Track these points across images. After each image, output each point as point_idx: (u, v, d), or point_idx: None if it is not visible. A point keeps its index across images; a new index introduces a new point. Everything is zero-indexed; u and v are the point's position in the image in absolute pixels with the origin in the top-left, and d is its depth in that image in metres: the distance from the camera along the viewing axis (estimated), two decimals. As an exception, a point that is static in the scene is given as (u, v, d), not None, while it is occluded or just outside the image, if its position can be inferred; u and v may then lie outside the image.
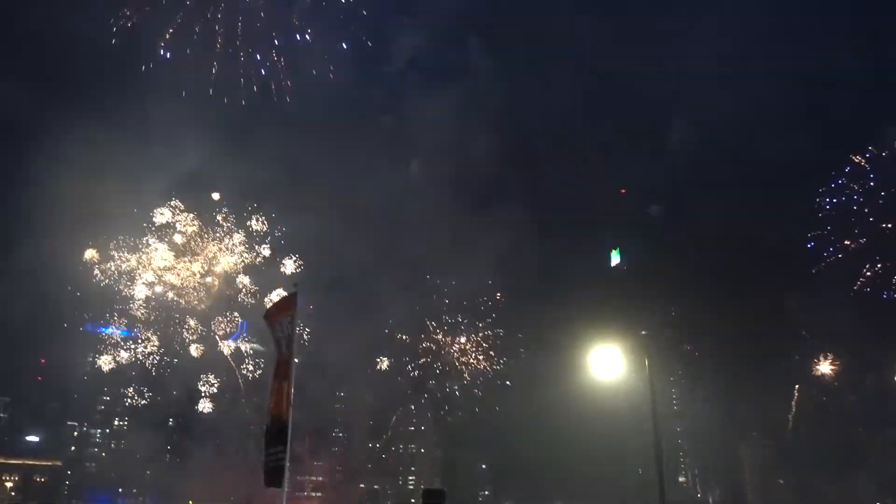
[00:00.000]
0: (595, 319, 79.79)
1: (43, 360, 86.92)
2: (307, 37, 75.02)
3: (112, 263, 76.13)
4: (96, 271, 75.63)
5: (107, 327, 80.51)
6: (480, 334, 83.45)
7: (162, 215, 77.47)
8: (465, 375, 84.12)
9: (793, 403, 80.00)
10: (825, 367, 76.98)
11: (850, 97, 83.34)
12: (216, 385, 79.91)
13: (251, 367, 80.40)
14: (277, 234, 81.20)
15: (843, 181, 76.92)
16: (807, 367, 79.17)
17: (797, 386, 79.99)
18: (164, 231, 78.37)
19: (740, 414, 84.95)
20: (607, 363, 24.66)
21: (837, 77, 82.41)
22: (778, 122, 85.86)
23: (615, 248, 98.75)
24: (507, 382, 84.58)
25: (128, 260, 76.77)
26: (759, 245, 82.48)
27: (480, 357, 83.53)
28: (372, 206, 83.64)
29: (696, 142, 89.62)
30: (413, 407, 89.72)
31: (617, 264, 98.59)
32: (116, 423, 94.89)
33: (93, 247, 75.41)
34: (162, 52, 73.22)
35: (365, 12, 78.05)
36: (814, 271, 76.97)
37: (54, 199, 70.67)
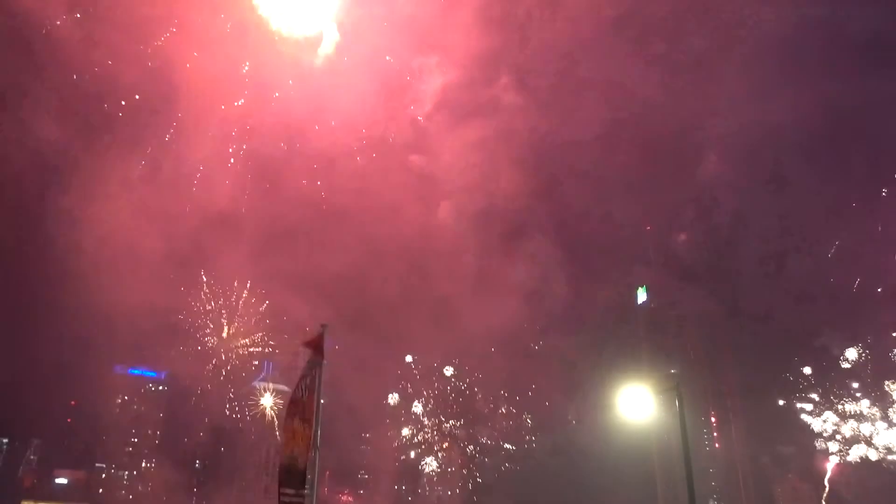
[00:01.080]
0: (623, 358, 78.80)
1: (74, 403, 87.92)
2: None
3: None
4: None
5: (138, 369, 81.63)
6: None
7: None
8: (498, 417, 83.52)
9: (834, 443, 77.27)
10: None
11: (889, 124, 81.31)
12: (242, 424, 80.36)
13: (278, 407, 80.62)
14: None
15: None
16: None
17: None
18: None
19: (776, 454, 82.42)
20: (636, 403, 24.28)
21: (876, 104, 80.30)
22: (810, 151, 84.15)
23: (641, 286, 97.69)
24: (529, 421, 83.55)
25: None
26: (794, 280, 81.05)
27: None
28: (398, 245, 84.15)
29: (725, 174, 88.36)
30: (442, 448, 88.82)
31: (643, 302, 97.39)
32: (144, 464, 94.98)
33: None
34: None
35: (389, 58, 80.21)
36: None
37: (88, 242, 72.39)
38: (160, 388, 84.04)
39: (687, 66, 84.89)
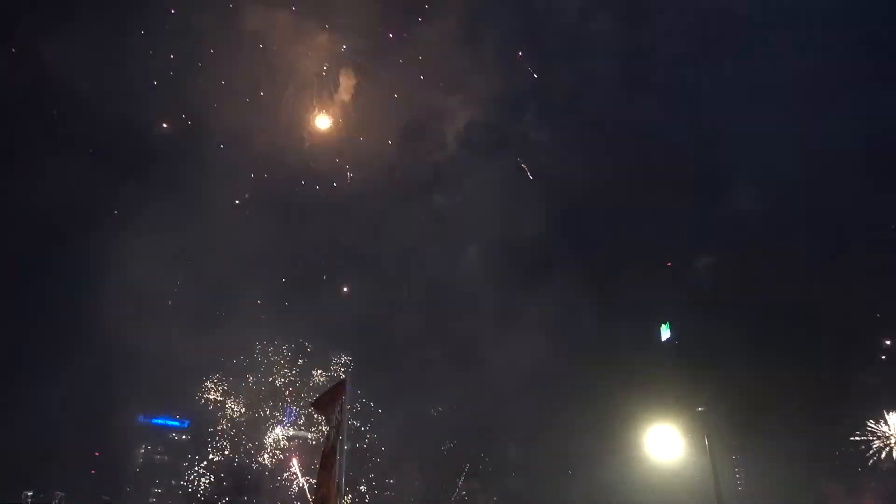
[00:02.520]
0: (649, 396, 77.34)
1: (97, 454, 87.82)
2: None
3: None
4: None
5: (160, 418, 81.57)
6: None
7: None
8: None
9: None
10: None
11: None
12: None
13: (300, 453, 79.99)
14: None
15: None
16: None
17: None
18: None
19: (814, 494, 79.58)
20: (664, 442, 23.79)
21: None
22: (847, 177, 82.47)
23: (665, 323, 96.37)
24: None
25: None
26: (827, 314, 79.18)
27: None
28: (419, 283, 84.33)
29: (756, 205, 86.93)
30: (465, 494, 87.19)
31: (667, 339, 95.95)
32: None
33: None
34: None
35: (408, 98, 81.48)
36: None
37: (110, 290, 73.19)
38: (183, 437, 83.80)
39: (711, 95, 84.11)
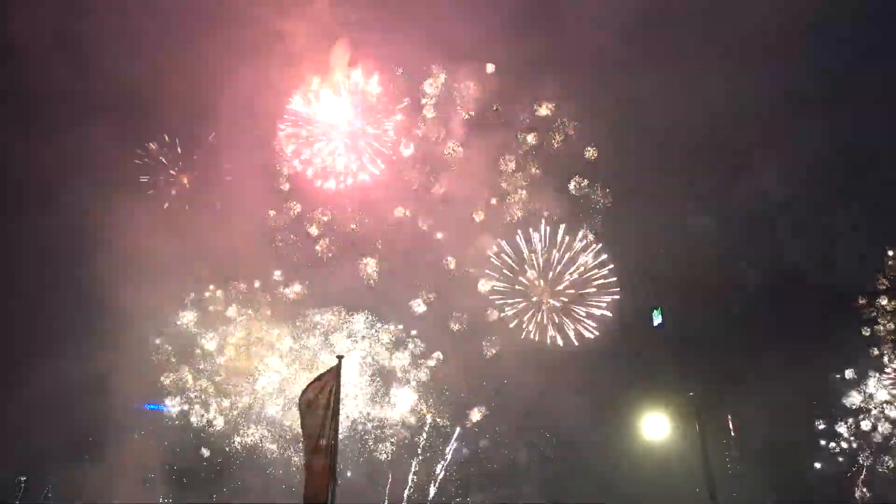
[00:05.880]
0: (641, 381, 77.88)
1: (91, 439, 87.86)
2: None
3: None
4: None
5: (153, 404, 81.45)
6: None
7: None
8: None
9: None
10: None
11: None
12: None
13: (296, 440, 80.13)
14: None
15: None
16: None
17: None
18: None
19: (804, 478, 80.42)
20: (654, 427, 24.04)
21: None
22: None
23: (656, 308, 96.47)
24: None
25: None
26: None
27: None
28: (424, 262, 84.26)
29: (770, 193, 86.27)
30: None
31: (659, 324, 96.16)
32: (161, 500, 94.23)
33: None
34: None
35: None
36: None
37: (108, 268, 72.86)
38: (177, 422, 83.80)
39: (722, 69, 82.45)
